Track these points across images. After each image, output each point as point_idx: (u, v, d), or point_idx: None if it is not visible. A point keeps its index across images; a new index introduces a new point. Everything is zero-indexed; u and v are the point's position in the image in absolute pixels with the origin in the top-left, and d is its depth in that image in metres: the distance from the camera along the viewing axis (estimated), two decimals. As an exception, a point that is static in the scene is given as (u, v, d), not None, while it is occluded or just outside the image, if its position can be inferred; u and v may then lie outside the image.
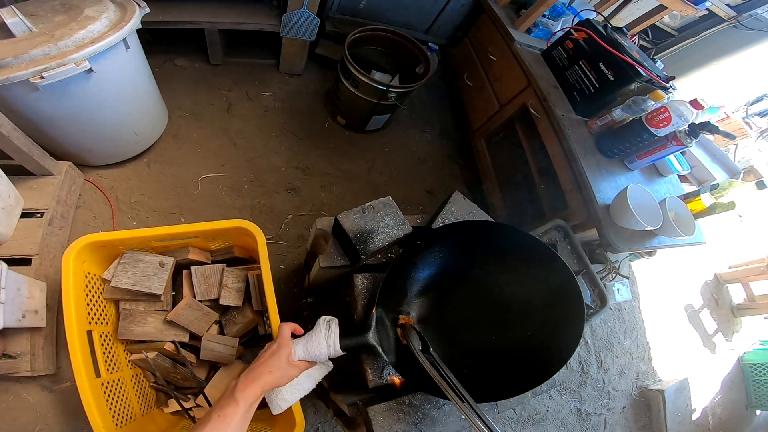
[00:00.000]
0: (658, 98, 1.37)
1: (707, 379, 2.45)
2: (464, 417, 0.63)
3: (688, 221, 1.35)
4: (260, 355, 0.77)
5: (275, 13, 1.70)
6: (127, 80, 1.22)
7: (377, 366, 0.87)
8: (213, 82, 1.78)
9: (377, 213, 0.94)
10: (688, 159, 1.81)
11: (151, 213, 1.42)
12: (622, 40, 1.49)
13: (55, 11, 1.07)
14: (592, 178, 1.34)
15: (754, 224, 3.23)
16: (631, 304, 2.36)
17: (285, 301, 1.45)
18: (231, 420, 0.63)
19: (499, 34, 1.85)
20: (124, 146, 1.39)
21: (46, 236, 1.15)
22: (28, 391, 1.08)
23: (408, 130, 2.15)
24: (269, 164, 1.71)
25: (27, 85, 0.95)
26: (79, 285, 0.92)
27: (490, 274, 0.86)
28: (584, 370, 2.04)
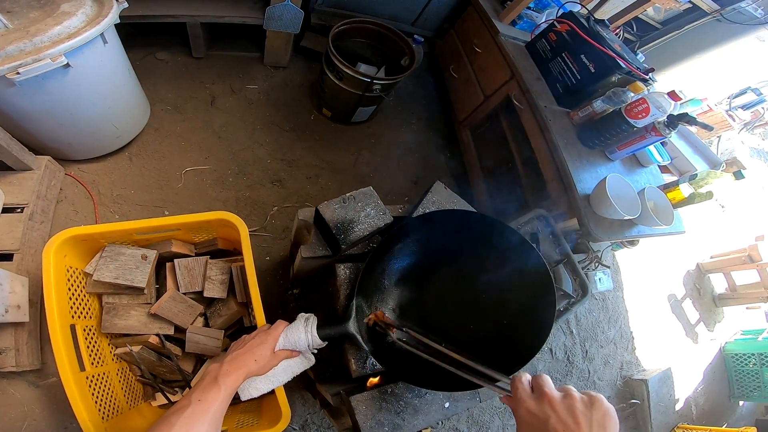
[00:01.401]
0: (637, 90, 1.39)
1: (690, 369, 2.51)
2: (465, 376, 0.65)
3: (667, 211, 1.38)
4: (243, 341, 0.77)
5: (258, 5, 1.69)
6: (106, 75, 1.21)
7: (360, 356, 0.88)
8: (196, 75, 1.76)
9: (358, 203, 0.95)
10: (669, 150, 1.84)
11: (133, 206, 1.42)
12: (604, 33, 1.50)
13: (31, 7, 1.05)
14: (573, 168, 1.36)
15: (736, 215, 3.30)
16: (615, 293, 2.40)
17: (271, 292, 1.46)
18: (212, 405, 0.62)
19: (484, 26, 1.85)
20: (104, 140, 1.38)
21: (27, 231, 1.14)
22: (14, 387, 1.08)
23: (394, 122, 2.15)
24: (254, 157, 1.70)
25: (3, 81, 0.94)
26: (60, 279, 0.92)
27: (467, 263, 0.88)
28: (570, 360, 2.08)
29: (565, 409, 0.47)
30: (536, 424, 0.48)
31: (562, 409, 0.47)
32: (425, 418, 0.87)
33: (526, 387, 0.53)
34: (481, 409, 1.73)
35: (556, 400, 0.49)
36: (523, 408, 0.50)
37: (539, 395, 0.50)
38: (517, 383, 0.53)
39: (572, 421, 0.46)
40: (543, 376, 0.53)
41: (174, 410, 0.60)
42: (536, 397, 0.50)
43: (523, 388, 0.52)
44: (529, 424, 0.49)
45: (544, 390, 0.50)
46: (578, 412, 0.46)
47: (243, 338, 0.79)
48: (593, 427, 0.45)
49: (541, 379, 0.52)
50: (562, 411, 0.47)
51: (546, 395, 0.49)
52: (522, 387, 0.53)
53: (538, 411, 0.49)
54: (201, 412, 0.60)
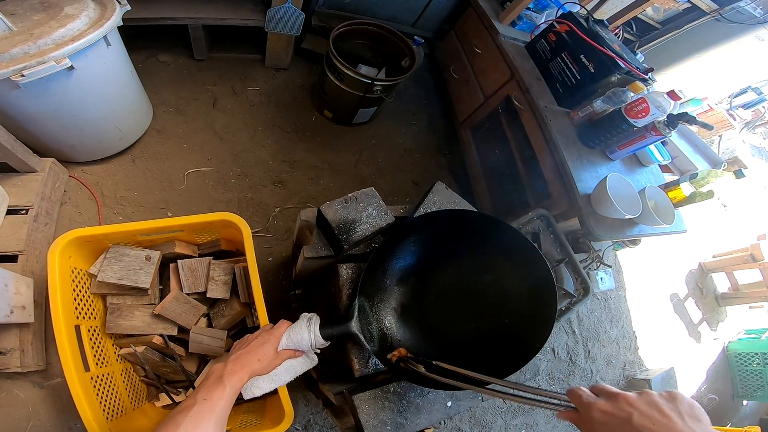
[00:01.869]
0: (637, 90, 1.40)
1: (693, 368, 2.50)
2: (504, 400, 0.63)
3: (668, 210, 1.39)
4: (246, 341, 0.78)
5: (260, 8, 1.70)
6: (109, 77, 1.22)
7: (363, 356, 0.89)
8: (198, 77, 1.77)
9: (360, 203, 0.95)
10: (670, 150, 1.84)
11: (137, 208, 1.43)
12: (604, 33, 1.51)
13: (35, 10, 1.06)
14: (574, 167, 1.36)
15: (738, 214, 3.29)
16: (617, 293, 2.40)
17: (273, 293, 1.46)
18: (217, 404, 0.62)
19: (483, 27, 1.86)
20: (108, 142, 1.39)
21: (32, 232, 1.15)
22: (19, 388, 1.09)
23: (395, 123, 2.16)
24: (256, 158, 1.71)
25: (8, 83, 0.95)
26: (65, 280, 0.93)
27: (468, 262, 0.88)
28: (572, 360, 2.08)
29: (646, 404, 0.45)
30: (616, 423, 0.45)
31: (643, 405, 0.45)
32: (428, 417, 0.88)
33: (590, 393, 0.50)
34: (483, 409, 1.73)
35: (632, 397, 0.46)
36: (596, 410, 0.47)
37: (609, 396, 0.48)
38: (577, 392, 0.51)
39: (659, 415, 0.43)
40: (600, 383, 0.50)
41: (180, 409, 0.60)
42: (607, 399, 0.48)
43: (588, 394, 0.50)
44: (607, 425, 0.46)
45: (614, 391, 0.48)
46: (663, 406, 0.44)
47: (246, 338, 0.79)
48: (685, 417, 0.43)
49: (600, 385, 0.50)
50: (644, 407, 0.44)
51: (619, 395, 0.47)
52: (585, 393, 0.50)
53: (616, 410, 0.46)
54: (207, 411, 0.60)
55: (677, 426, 0.42)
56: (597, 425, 0.46)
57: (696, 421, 0.43)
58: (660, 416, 0.43)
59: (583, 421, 0.49)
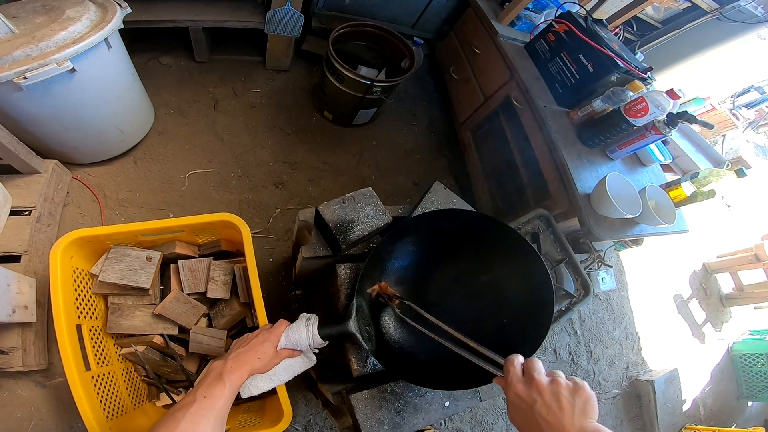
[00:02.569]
0: (636, 89, 1.39)
1: (697, 369, 2.48)
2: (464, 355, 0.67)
3: (669, 209, 1.38)
4: (245, 339, 0.78)
5: (259, 10, 1.71)
6: (111, 79, 1.24)
7: (361, 355, 0.89)
8: (199, 79, 1.79)
9: (358, 203, 0.96)
10: (672, 149, 1.84)
11: (139, 209, 1.44)
12: (603, 33, 1.51)
13: (37, 13, 1.08)
14: (573, 167, 1.36)
15: (742, 214, 3.27)
16: (620, 294, 2.38)
17: (273, 293, 1.47)
18: (217, 402, 0.62)
19: (483, 28, 1.87)
20: (110, 144, 1.41)
21: (35, 233, 1.16)
22: (21, 387, 1.10)
23: (395, 124, 2.17)
24: (256, 159, 1.72)
25: (10, 86, 0.97)
26: (67, 280, 0.93)
27: (466, 262, 0.88)
28: (574, 361, 2.07)
29: (550, 394, 0.51)
30: (524, 407, 0.52)
31: (548, 395, 0.51)
32: (425, 417, 0.88)
33: (518, 370, 0.56)
34: (484, 409, 1.73)
35: (543, 385, 0.52)
36: (513, 391, 0.54)
37: (529, 379, 0.53)
38: (509, 366, 0.57)
39: (556, 406, 0.49)
40: (534, 360, 0.55)
41: (179, 407, 0.60)
42: (526, 381, 0.54)
43: (515, 372, 0.55)
44: (518, 407, 0.53)
45: (533, 375, 0.53)
46: (563, 398, 0.50)
47: (245, 336, 0.80)
48: (575, 412, 0.49)
49: (532, 362, 0.55)
50: (548, 396, 0.50)
51: (534, 380, 0.53)
52: (514, 370, 0.56)
53: (526, 395, 0.52)
54: (206, 408, 0.61)
55: (565, 418, 0.48)
56: (511, 404, 0.54)
57: (584, 416, 0.49)
58: (557, 407, 0.49)
59: (506, 393, 0.56)
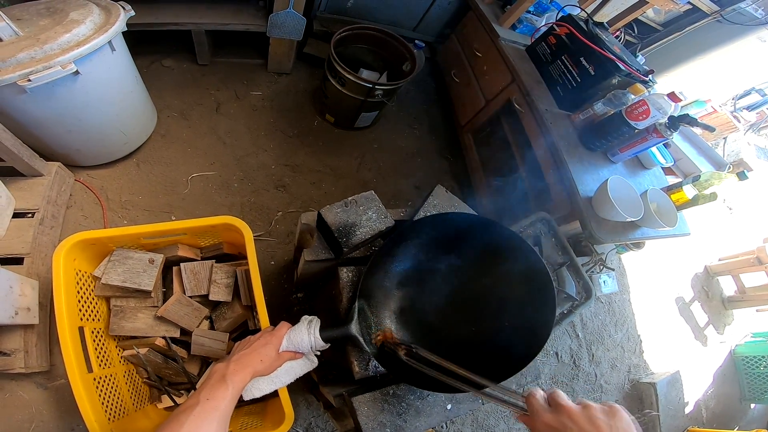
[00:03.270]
0: (637, 92, 1.40)
1: (700, 372, 2.47)
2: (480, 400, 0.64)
3: (670, 213, 1.38)
4: (247, 341, 0.78)
5: (262, 13, 1.72)
6: (114, 82, 1.24)
7: (363, 358, 0.89)
8: (201, 82, 1.80)
9: (360, 207, 0.96)
10: (674, 152, 1.84)
11: (141, 212, 1.44)
12: (604, 36, 1.51)
13: (41, 15, 1.09)
14: (575, 170, 1.36)
15: (744, 217, 3.27)
16: (622, 296, 2.38)
17: (275, 296, 1.47)
18: (220, 404, 0.62)
19: (484, 31, 1.87)
20: (112, 146, 1.41)
21: (38, 235, 1.17)
22: (23, 389, 1.10)
23: (397, 127, 2.17)
24: (258, 162, 1.73)
25: (14, 88, 0.97)
26: (70, 282, 0.94)
27: (467, 265, 0.88)
28: (576, 364, 2.07)
29: (585, 418, 0.47)
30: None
31: (582, 420, 0.47)
32: (427, 420, 0.88)
33: (542, 402, 0.52)
34: (485, 412, 1.72)
35: (574, 410, 0.48)
36: (540, 421, 0.50)
37: (556, 407, 0.50)
38: (531, 399, 0.53)
39: (594, 430, 0.45)
40: (557, 390, 0.52)
41: (182, 409, 0.60)
42: (553, 410, 0.50)
43: (539, 403, 0.52)
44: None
45: (561, 402, 0.50)
46: (599, 421, 0.46)
47: (248, 339, 0.80)
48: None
49: (556, 393, 0.52)
50: (583, 421, 0.46)
51: (563, 407, 0.49)
52: (537, 401, 0.52)
53: (557, 423, 0.48)
54: (210, 410, 0.60)
55: None
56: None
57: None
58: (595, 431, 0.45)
59: (533, 428, 0.51)
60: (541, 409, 0.51)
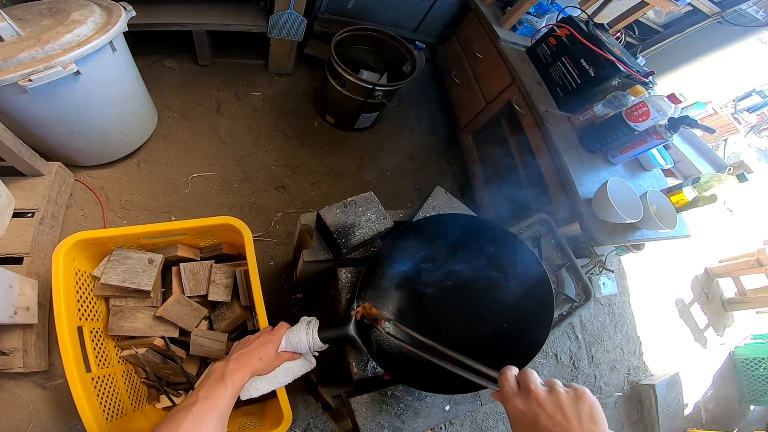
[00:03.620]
0: (637, 93, 1.40)
1: (699, 373, 2.47)
2: (455, 372, 0.64)
3: (670, 214, 1.38)
4: (247, 341, 0.78)
5: (262, 14, 1.72)
6: (115, 82, 1.24)
7: (361, 359, 0.89)
8: (202, 82, 1.80)
9: (359, 208, 0.96)
10: (674, 154, 1.84)
11: (141, 212, 1.44)
12: (604, 37, 1.51)
13: (43, 15, 1.09)
14: (575, 172, 1.36)
15: (744, 218, 3.26)
16: (621, 298, 2.38)
17: (274, 297, 1.47)
18: (219, 402, 0.62)
19: (484, 32, 1.87)
20: (113, 147, 1.41)
21: (38, 235, 1.17)
22: (21, 388, 1.10)
23: (397, 128, 2.17)
24: (258, 163, 1.73)
25: (15, 88, 0.97)
26: (69, 282, 0.94)
27: (466, 267, 0.88)
28: (575, 365, 2.07)
29: (552, 404, 0.48)
30: (525, 421, 0.49)
31: (549, 405, 0.48)
32: (425, 421, 0.88)
33: (513, 384, 0.53)
34: (484, 413, 1.72)
35: (542, 396, 0.49)
36: (512, 406, 0.51)
37: (525, 392, 0.51)
38: (503, 380, 0.54)
39: (561, 416, 0.47)
40: (528, 371, 0.53)
41: (181, 407, 0.60)
42: (523, 395, 0.51)
43: (510, 386, 0.53)
44: (520, 422, 0.50)
45: (530, 387, 0.51)
46: (566, 407, 0.47)
47: (247, 338, 0.80)
48: (583, 420, 0.46)
49: (526, 374, 0.53)
50: (550, 407, 0.48)
51: (532, 392, 0.50)
52: (508, 384, 0.53)
53: (526, 409, 0.49)
54: (208, 409, 0.60)
55: (573, 428, 0.46)
56: (512, 419, 0.52)
57: (592, 423, 0.46)
58: (562, 418, 0.47)
59: (505, 408, 0.53)
60: (511, 392, 0.52)
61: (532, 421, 0.48)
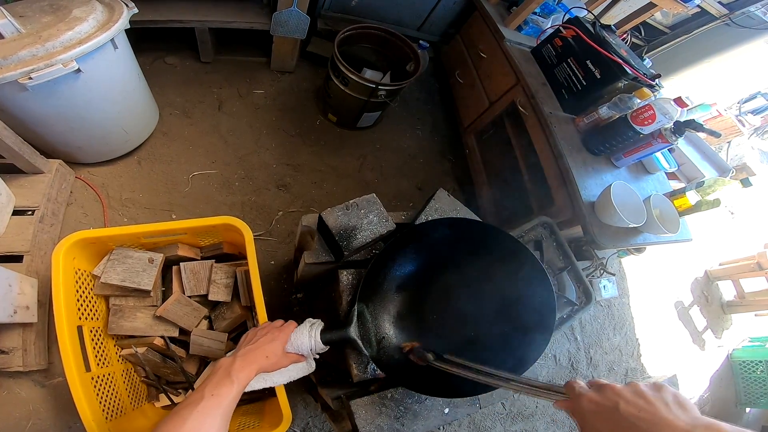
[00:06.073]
0: (643, 96, 1.38)
1: (696, 376, 2.47)
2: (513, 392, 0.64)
3: (673, 219, 1.37)
4: (254, 335, 0.78)
5: (265, 11, 1.71)
6: (116, 80, 1.23)
7: (362, 361, 0.89)
8: (204, 79, 1.79)
9: (361, 210, 0.95)
10: (677, 157, 1.83)
11: (142, 210, 1.44)
12: (610, 38, 1.49)
13: (44, 12, 1.08)
14: (578, 175, 1.35)
15: (745, 222, 3.25)
16: (621, 300, 2.38)
17: (275, 296, 1.46)
18: (224, 400, 0.61)
19: (489, 32, 1.86)
20: (114, 144, 1.40)
21: (38, 233, 1.16)
22: (20, 387, 1.10)
23: (399, 127, 2.16)
24: (260, 161, 1.72)
25: (16, 86, 0.96)
26: (69, 281, 0.93)
27: (468, 270, 0.88)
28: (573, 367, 2.07)
29: (632, 392, 0.46)
30: (604, 412, 0.47)
31: (629, 394, 0.46)
32: (425, 424, 0.88)
33: (583, 384, 0.52)
34: (482, 415, 1.72)
35: (618, 387, 0.48)
36: (586, 400, 0.49)
37: (599, 387, 0.50)
38: (572, 384, 0.53)
39: (644, 403, 0.44)
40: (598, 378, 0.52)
41: (186, 404, 0.59)
42: (597, 389, 0.50)
43: (581, 385, 0.52)
44: (597, 414, 0.47)
45: (604, 382, 0.50)
46: (647, 395, 0.45)
47: (254, 332, 0.79)
48: (670, 405, 0.44)
49: (596, 379, 0.52)
50: (630, 395, 0.46)
51: (607, 385, 0.49)
52: (578, 385, 0.52)
53: (604, 399, 0.47)
54: (214, 406, 0.60)
55: (661, 412, 0.43)
56: (587, 414, 0.48)
57: (681, 408, 0.44)
58: (645, 404, 0.44)
59: (576, 411, 0.51)
60: (583, 390, 0.51)
61: (613, 411, 0.46)
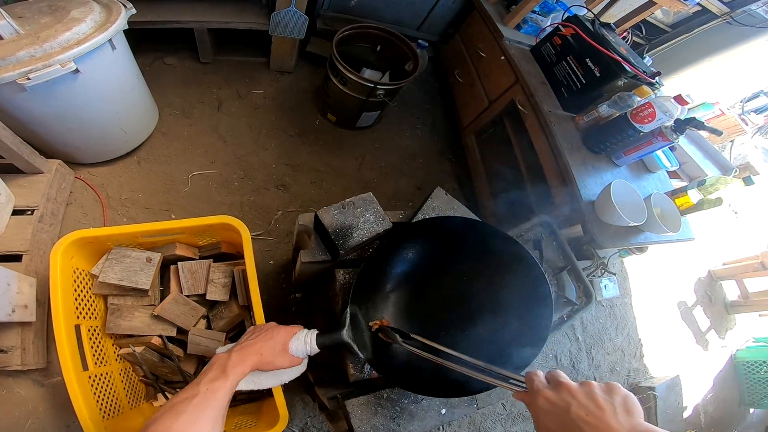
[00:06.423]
0: (643, 94, 1.37)
1: (699, 376, 2.45)
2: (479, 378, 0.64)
3: (674, 218, 1.36)
4: (253, 331, 0.78)
5: (264, 11, 1.71)
6: (114, 80, 1.24)
7: (358, 361, 0.89)
8: (203, 80, 1.79)
9: (357, 209, 0.95)
10: (679, 155, 1.81)
11: (141, 210, 1.44)
12: (610, 37, 1.49)
13: (42, 13, 1.08)
14: (578, 173, 1.35)
15: (749, 221, 3.23)
16: (623, 300, 2.36)
17: (273, 296, 1.46)
18: (219, 394, 0.62)
19: (488, 31, 1.85)
20: (113, 144, 1.41)
21: (37, 233, 1.17)
22: (19, 386, 1.10)
23: (399, 127, 2.16)
24: (259, 161, 1.72)
25: (14, 86, 0.97)
26: (67, 280, 0.94)
27: (464, 270, 0.87)
28: (575, 367, 2.05)
29: (584, 395, 0.47)
30: (557, 412, 0.48)
31: (581, 396, 0.47)
32: (421, 424, 0.87)
33: (542, 380, 0.53)
34: (482, 415, 1.71)
35: (573, 387, 0.49)
36: (542, 397, 0.50)
37: (556, 385, 0.51)
38: (531, 377, 0.54)
39: (594, 406, 0.46)
40: (557, 370, 0.53)
41: (181, 399, 0.59)
42: (553, 387, 0.51)
43: (539, 380, 0.53)
44: (549, 413, 0.49)
45: (561, 380, 0.50)
46: (599, 398, 0.46)
47: (254, 328, 0.79)
48: (617, 410, 0.45)
49: (556, 372, 0.53)
50: (582, 397, 0.47)
51: (563, 384, 0.50)
52: (537, 379, 0.53)
53: (558, 399, 0.49)
54: (209, 400, 0.60)
55: (606, 417, 0.44)
56: (541, 412, 0.50)
57: (627, 414, 0.45)
58: (595, 408, 0.45)
59: (532, 405, 0.52)
60: (541, 385, 0.52)
61: (564, 411, 0.47)
